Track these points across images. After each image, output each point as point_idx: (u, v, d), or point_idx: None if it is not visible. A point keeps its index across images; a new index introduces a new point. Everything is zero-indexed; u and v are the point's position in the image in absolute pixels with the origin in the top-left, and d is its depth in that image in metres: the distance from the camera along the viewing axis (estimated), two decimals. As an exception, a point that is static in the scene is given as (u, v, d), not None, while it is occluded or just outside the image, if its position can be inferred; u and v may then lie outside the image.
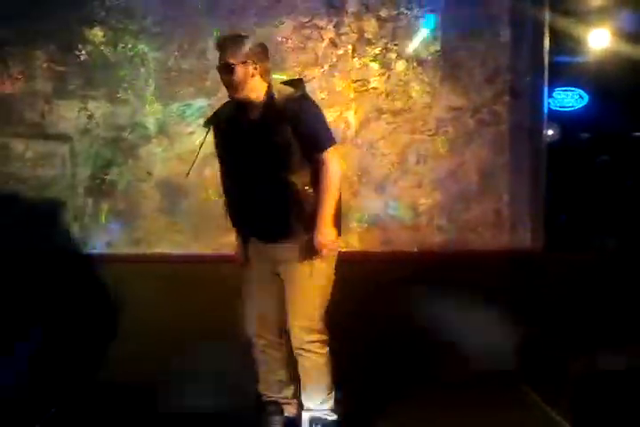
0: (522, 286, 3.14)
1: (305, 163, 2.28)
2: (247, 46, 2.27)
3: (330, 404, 2.42)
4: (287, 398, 2.53)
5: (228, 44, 2.29)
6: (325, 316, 2.39)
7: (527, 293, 3.14)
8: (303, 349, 2.35)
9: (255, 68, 2.27)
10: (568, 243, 3.22)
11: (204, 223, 3.09)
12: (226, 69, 2.26)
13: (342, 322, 2.80)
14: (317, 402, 2.41)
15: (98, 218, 3.08)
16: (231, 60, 2.25)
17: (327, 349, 2.40)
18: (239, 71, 2.25)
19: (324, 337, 2.39)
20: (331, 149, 2.29)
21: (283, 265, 2.36)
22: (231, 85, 2.28)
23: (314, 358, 2.36)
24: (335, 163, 2.30)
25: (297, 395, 2.51)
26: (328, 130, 2.35)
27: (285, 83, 2.41)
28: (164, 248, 3.08)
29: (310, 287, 2.34)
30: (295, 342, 2.37)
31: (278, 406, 2.50)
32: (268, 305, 2.42)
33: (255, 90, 2.29)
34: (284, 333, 2.43)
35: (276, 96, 2.29)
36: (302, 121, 2.26)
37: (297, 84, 2.39)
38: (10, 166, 3.05)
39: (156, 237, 3.10)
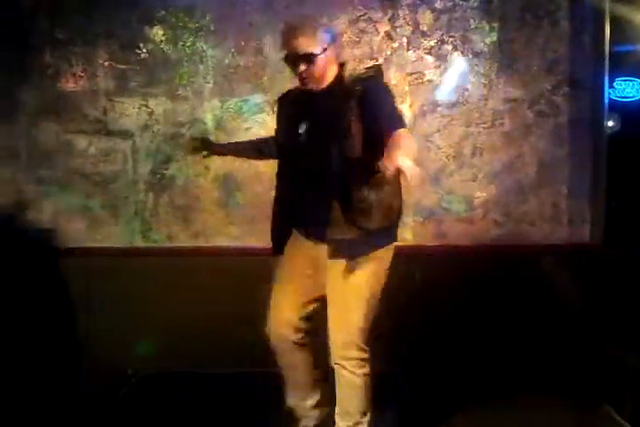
0: (580, 282, 3.09)
1: (364, 151, 1.95)
2: (322, 30, 2.00)
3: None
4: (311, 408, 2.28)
5: (303, 30, 1.97)
6: (369, 332, 2.12)
7: (584, 289, 3.09)
8: (339, 364, 2.12)
9: (335, 54, 2.05)
10: (629, 238, 3.13)
11: (260, 216, 3.13)
12: (304, 60, 1.97)
13: (397, 317, 2.82)
14: (350, 423, 2.16)
15: (158, 212, 3.16)
16: (311, 50, 1.96)
17: (366, 369, 2.12)
18: (320, 61, 1.98)
19: (364, 355, 2.11)
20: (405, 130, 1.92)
21: (327, 266, 2.08)
22: (312, 77, 2.01)
23: (349, 376, 2.10)
24: (413, 139, 1.93)
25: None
26: (402, 115, 2.06)
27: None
28: (221, 241, 3.15)
29: (356, 296, 2.06)
30: (332, 357, 2.13)
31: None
32: (294, 304, 2.18)
33: (332, 75, 2.07)
34: (305, 332, 2.21)
35: (346, 75, 2.06)
36: (380, 95, 1.99)
37: (374, 67, 2.14)
38: (74, 162, 3.15)
39: (213, 231, 3.16)
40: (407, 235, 3.15)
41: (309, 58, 1.97)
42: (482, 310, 3.09)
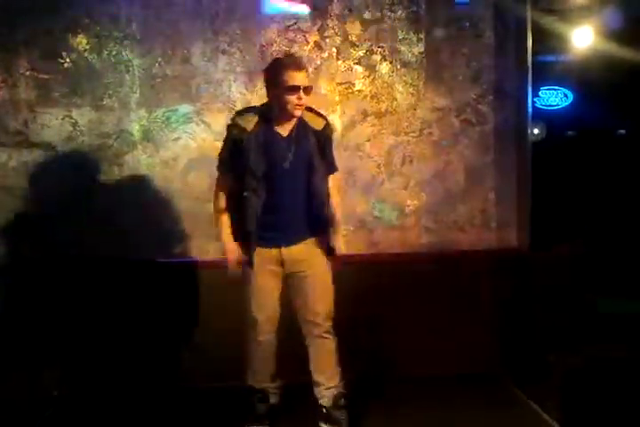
0: (508, 285, 3.17)
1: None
2: None
3: (340, 380, 2.65)
4: (276, 387, 2.70)
5: (303, 66, 2.44)
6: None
7: (513, 292, 3.17)
8: (326, 333, 2.59)
9: None
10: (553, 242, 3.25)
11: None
12: (305, 91, 2.40)
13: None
14: (337, 380, 2.63)
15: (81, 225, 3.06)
16: (308, 83, 2.43)
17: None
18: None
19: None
20: None
21: (304, 262, 2.55)
22: (302, 106, 2.43)
23: (333, 340, 2.61)
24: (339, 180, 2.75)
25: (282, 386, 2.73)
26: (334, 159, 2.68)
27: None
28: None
29: (329, 278, 2.62)
30: (318, 330, 2.58)
31: (265, 395, 2.67)
32: (274, 306, 2.59)
33: None
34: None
35: (306, 118, 2.49)
36: (330, 145, 2.60)
37: (325, 118, 2.58)
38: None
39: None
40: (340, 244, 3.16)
41: (307, 89, 2.42)
42: (414, 315, 3.13)
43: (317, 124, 2.52)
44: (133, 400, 2.97)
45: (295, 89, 2.37)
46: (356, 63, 3.18)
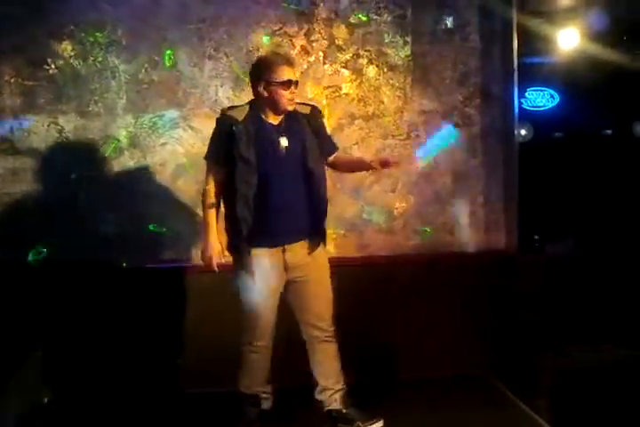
0: (496, 287, 3.18)
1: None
2: None
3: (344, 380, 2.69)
4: (269, 393, 2.70)
5: (293, 61, 2.55)
6: None
7: (501, 294, 3.18)
8: (329, 337, 2.61)
9: None
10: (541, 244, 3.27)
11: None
12: (295, 85, 2.48)
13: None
14: (342, 383, 2.66)
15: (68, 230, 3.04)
16: (297, 78, 2.53)
17: None
18: None
19: None
20: None
21: (307, 267, 2.54)
22: (294, 99, 2.50)
23: (335, 343, 2.63)
24: None
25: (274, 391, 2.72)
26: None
27: None
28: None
29: (329, 281, 2.63)
30: (322, 334, 2.60)
31: (257, 400, 2.66)
32: (274, 312, 2.57)
33: None
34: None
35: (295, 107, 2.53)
36: (323, 126, 2.65)
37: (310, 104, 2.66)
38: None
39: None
40: (330, 247, 3.16)
41: (297, 83, 2.50)
42: (403, 318, 3.14)
43: (305, 109, 2.57)
44: (125, 406, 2.96)
45: (289, 84, 2.44)
46: (343, 67, 3.19)
